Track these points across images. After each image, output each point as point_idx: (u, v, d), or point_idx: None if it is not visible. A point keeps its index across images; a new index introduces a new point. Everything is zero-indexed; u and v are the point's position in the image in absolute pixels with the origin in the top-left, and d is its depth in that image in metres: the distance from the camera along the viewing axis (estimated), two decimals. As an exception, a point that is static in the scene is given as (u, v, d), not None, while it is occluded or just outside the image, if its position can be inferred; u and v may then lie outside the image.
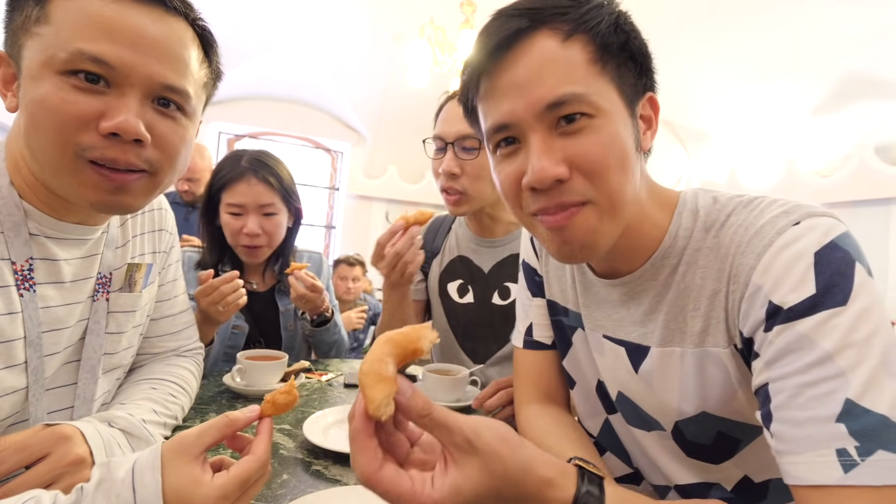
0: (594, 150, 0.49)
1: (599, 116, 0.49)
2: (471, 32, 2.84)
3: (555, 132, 0.50)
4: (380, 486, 0.37)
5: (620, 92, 0.51)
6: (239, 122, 4.96)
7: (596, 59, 0.50)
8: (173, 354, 0.85)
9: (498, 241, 1.17)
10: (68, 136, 0.51)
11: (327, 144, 5.42)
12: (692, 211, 0.56)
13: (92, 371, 0.66)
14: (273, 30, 3.93)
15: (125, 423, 0.61)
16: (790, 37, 3.33)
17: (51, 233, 0.60)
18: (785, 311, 0.44)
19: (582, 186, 0.50)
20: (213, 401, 0.94)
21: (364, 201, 5.37)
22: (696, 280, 0.54)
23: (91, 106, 0.51)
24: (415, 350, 0.41)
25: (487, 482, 0.38)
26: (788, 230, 0.47)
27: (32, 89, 0.50)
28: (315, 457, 0.71)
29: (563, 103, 0.48)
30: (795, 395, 0.43)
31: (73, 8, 0.50)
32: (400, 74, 3.70)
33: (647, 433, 0.63)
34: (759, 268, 0.47)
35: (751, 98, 4.02)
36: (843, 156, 3.89)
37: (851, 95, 3.57)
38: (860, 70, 3.40)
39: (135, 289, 0.72)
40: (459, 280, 1.20)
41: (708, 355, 0.54)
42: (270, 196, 1.21)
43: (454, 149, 1.06)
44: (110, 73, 0.51)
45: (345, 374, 1.18)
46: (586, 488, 0.41)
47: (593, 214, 0.51)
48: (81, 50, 0.49)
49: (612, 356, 0.64)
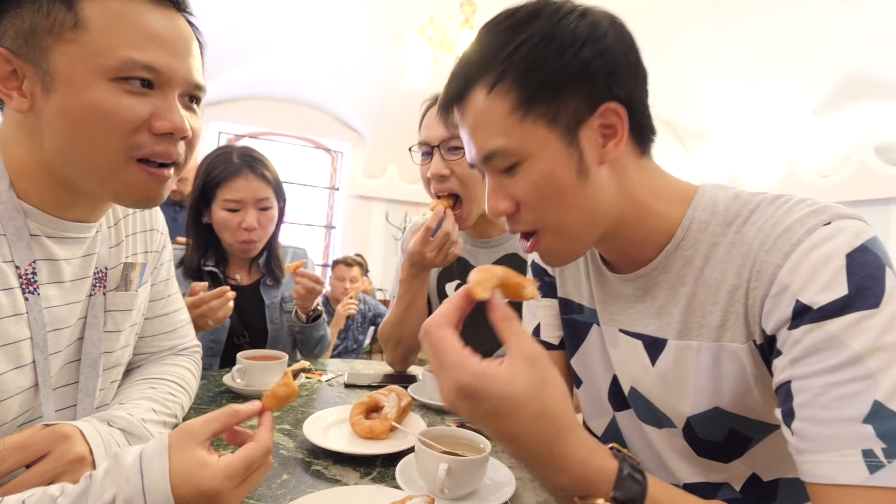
0: (527, 190, 0.55)
1: (526, 161, 0.54)
2: (471, 32, 2.84)
3: (502, 174, 0.56)
4: (432, 336, 0.43)
5: (553, 127, 0.53)
6: (239, 122, 4.95)
7: (517, 105, 0.52)
8: (170, 353, 0.85)
9: (493, 241, 1.18)
10: (123, 138, 0.55)
11: (327, 144, 5.42)
12: (710, 204, 0.56)
13: (93, 365, 0.66)
14: (273, 30, 3.93)
15: (124, 422, 0.61)
16: (790, 37, 3.33)
17: (51, 232, 0.61)
18: (815, 310, 0.44)
19: (528, 216, 0.57)
20: (214, 401, 0.94)
21: (364, 201, 5.37)
22: (715, 274, 0.54)
23: (144, 108, 0.55)
24: (517, 285, 0.47)
25: (535, 395, 0.41)
26: (819, 230, 0.46)
27: (77, 95, 0.52)
28: (315, 457, 0.71)
29: (492, 156, 0.55)
30: (821, 393, 0.42)
31: (110, 14, 0.53)
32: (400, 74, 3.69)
33: (659, 430, 0.63)
34: (787, 266, 0.46)
35: (751, 98, 4.02)
36: (843, 156, 3.89)
37: (851, 95, 3.57)
38: (860, 70, 3.40)
39: (130, 287, 0.73)
40: (457, 281, 1.20)
41: (724, 350, 0.54)
42: (266, 190, 1.25)
43: (440, 151, 1.05)
44: (157, 77, 0.56)
45: (345, 374, 1.18)
46: (628, 470, 0.42)
47: (548, 239, 0.58)
48: (133, 59, 0.53)
49: (629, 350, 0.64)
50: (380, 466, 0.71)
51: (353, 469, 0.69)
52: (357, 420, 0.80)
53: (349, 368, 1.27)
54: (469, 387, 0.40)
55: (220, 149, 1.29)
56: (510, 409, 0.41)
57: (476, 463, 0.61)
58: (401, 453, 0.72)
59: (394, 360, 1.23)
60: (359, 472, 0.68)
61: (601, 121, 0.54)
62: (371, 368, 1.31)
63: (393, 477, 0.65)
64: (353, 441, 0.76)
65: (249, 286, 1.35)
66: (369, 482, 0.66)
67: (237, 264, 1.35)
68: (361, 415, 0.81)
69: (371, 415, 0.83)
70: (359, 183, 5.31)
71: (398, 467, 0.67)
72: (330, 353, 2.53)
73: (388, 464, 0.71)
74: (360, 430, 0.77)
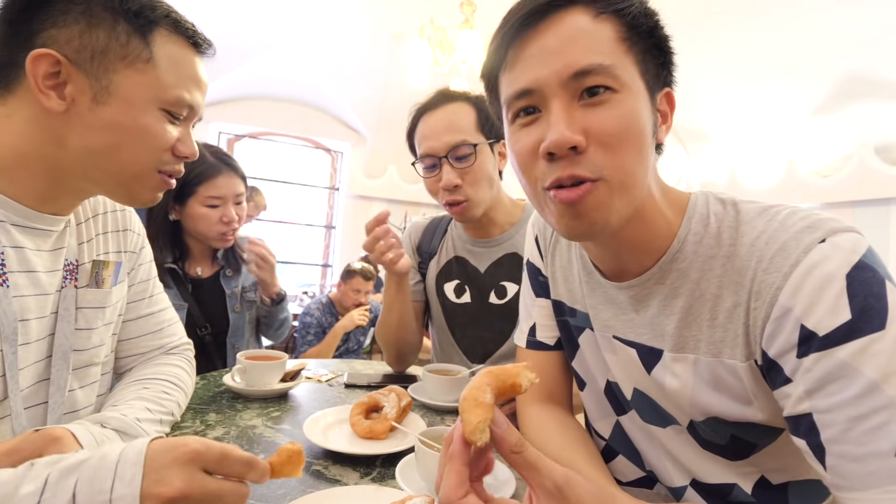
0: (613, 124, 0.50)
1: (622, 91, 0.50)
2: (471, 32, 2.84)
3: (576, 103, 0.50)
4: None
5: (643, 77, 0.52)
6: (239, 122, 4.95)
7: (624, 37, 0.51)
8: (160, 353, 0.86)
9: (493, 241, 1.17)
10: (157, 155, 0.65)
11: (327, 144, 5.42)
12: (702, 216, 0.56)
13: (64, 357, 0.67)
14: (273, 30, 3.93)
15: (118, 422, 0.61)
16: (790, 37, 3.33)
17: (18, 220, 0.62)
18: (820, 337, 0.43)
19: (597, 160, 0.50)
20: (213, 401, 0.94)
21: (364, 201, 5.37)
22: (711, 289, 0.54)
23: (174, 135, 0.66)
24: (513, 385, 0.42)
25: None
26: (815, 249, 0.46)
27: (132, 115, 0.61)
28: (315, 457, 0.71)
29: (589, 73, 0.49)
30: (848, 428, 0.42)
31: (171, 57, 0.64)
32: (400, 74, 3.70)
33: (663, 429, 0.63)
34: (787, 289, 0.46)
35: (751, 98, 4.02)
36: (842, 156, 3.88)
37: (851, 96, 3.56)
38: (860, 70, 3.39)
39: (103, 285, 0.74)
40: (456, 280, 1.20)
41: (723, 366, 0.53)
42: (241, 186, 1.37)
43: (449, 161, 1.05)
44: (189, 113, 0.67)
45: (345, 375, 1.18)
46: None
47: (605, 192, 0.51)
48: (184, 98, 0.65)
49: (624, 356, 0.64)
50: (380, 466, 0.71)
51: (353, 469, 0.69)
52: (357, 420, 0.80)
53: (349, 368, 1.28)
54: None
55: None
56: None
57: (476, 463, 0.61)
58: (401, 453, 0.72)
59: (391, 361, 1.23)
60: (359, 472, 0.68)
61: (661, 102, 0.55)
62: (371, 368, 1.31)
63: (393, 477, 0.65)
64: (352, 441, 0.76)
65: (209, 278, 1.40)
66: (369, 482, 0.66)
67: (197, 259, 1.40)
68: (361, 415, 0.81)
69: (371, 415, 0.83)
70: (359, 183, 5.31)
71: (398, 467, 0.67)
72: (331, 354, 2.53)
73: (388, 464, 0.71)
74: (360, 430, 0.77)
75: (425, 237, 1.28)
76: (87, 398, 0.72)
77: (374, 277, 2.87)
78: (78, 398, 0.70)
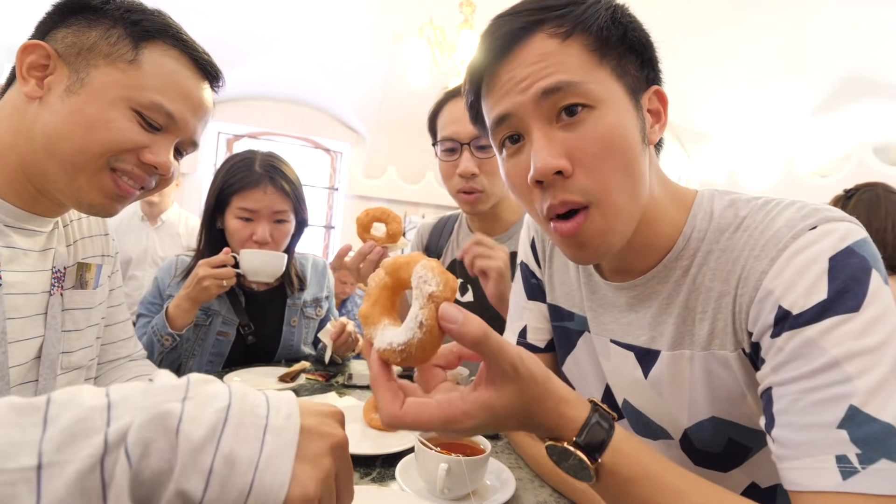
0: (594, 145, 0.48)
1: (599, 107, 0.49)
2: (470, 32, 2.84)
3: (556, 125, 0.50)
4: (407, 420, 0.37)
5: (622, 83, 0.51)
6: (238, 122, 4.94)
7: (593, 49, 0.50)
8: (126, 361, 0.86)
9: (495, 239, 1.17)
10: (109, 151, 0.61)
11: (326, 144, 5.41)
12: (707, 213, 0.55)
13: (51, 367, 0.67)
14: (273, 30, 3.93)
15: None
16: (789, 37, 3.33)
17: (9, 221, 0.63)
18: (794, 316, 0.43)
19: (584, 183, 0.49)
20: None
21: (363, 201, 5.36)
22: (705, 282, 0.53)
23: (142, 140, 0.62)
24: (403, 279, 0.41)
25: (519, 403, 0.39)
26: (804, 235, 0.45)
27: (97, 106, 0.59)
28: (315, 457, 0.71)
29: (558, 90, 0.48)
30: (798, 399, 0.42)
31: (162, 67, 0.63)
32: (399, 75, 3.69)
33: (654, 442, 0.62)
34: (772, 272, 0.46)
35: (750, 98, 4.02)
36: (842, 156, 3.89)
37: (850, 95, 3.57)
38: (859, 70, 3.40)
39: (87, 287, 0.74)
40: (459, 280, 1.20)
41: (715, 358, 0.53)
42: (284, 203, 1.20)
43: (470, 149, 1.05)
44: (171, 123, 0.65)
45: (345, 375, 1.18)
46: (597, 419, 0.42)
47: (599, 218, 0.50)
48: (160, 104, 0.62)
49: (620, 361, 0.63)
50: (380, 466, 0.71)
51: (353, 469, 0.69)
52: (372, 417, 0.83)
53: (349, 369, 1.28)
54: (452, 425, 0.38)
55: (243, 154, 1.24)
56: (498, 426, 0.40)
57: (476, 463, 0.61)
58: (401, 453, 0.72)
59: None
60: (359, 472, 0.68)
61: (650, 102, 0.54)
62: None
63: (393, 477, 0.65)
64: (353, 441, 0.76)
65: (265, 293, 1.33)
66: (369, 482, 0.66)
67: None
68: (374, 412, 0.84)
69: None
70: (358, 183, 5.31)
71: (398, 467, 0.67)
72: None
73: (388, 464, 0.71)
74: (378, 424, 0.81)
75: (433, 237, 1.29)
76: None
77: None
78: None
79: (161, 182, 0.68)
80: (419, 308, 0.37)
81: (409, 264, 0.40)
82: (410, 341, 0.37)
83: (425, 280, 0.37)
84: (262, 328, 1.30)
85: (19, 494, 0.25)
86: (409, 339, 0.37)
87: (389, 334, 0.39)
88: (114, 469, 0.27)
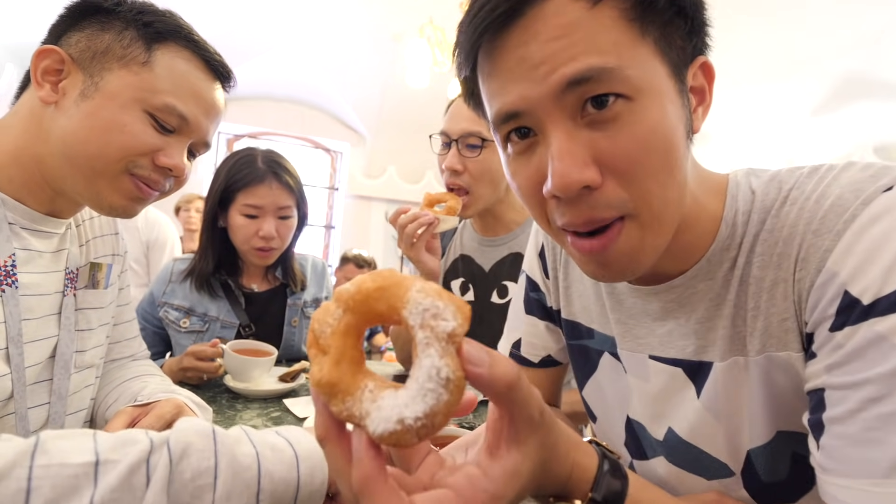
0: (632, 147, 0.38)
1: (639, 98, 0.37)
2: (470, 32, 2.84)
3: (580, 120, 0.38)
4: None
5: (666, 60, 0.39)
6: (238, 122, 4.95)
7: (632, 18, 0.37)
8: (129, 360, 0.86)
9: (498, 240, 1.18)
10: (127, 155, 0.61)
11: (327, 144, 5.42)
12: (747, 192, 0.46)
13: (66, 367, 0.67)
14: (273, 30, 3.93)
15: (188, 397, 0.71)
16: (789, 37, 3.34)
17: (25, 223, 0.63)
18: (864, 306, 0.35)
19: (617, 196, 0.39)
20: (213, 401, 0.94)
21: (363, 201, 5.36)
22: (753, 271, 0.44)
23: (157, 143, 0.63)
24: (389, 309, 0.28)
25: (539, 458, 0.31)
26: (878, 198, 0.36)
27: (112, 109, 0.60)
28: (315, 456, 0.71)
29: (588, 80, 0.36)
30: (859, 410, 0.34)
31: (174, 69, 0.63)
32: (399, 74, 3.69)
33: (707, 482, 0.50)
34: (838, 250, 0.37)
35: (751, 98, 4.02)
36: (841, 156, 3.90)
37: (850, 96, 3.57)
38: (859, 70, 3.40)
39: (98, 287, 0.75)
40: (461, 278, 1.21)
41: (773, 362, 0.43)
42: (288, 199, 1.21)
43: (458, 146, 1.07)
44: (184, 125, 0.65)
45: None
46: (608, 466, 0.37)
47: (634, 231, 0.40)
48: (173, 106, 0.63)
49: (664, 380, 0.51)
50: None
51: (353, 469, 0.69)
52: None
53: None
54: None
55: (244, 151, 1.24)
56: (522, 496, 0.32)
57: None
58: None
59: (403, 360, 1.26)
60: None
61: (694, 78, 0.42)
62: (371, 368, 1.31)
63: (393, 476, 0.65)
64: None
65: (266, 292, 1.32)
66: None
67: (251, 273, 1.32)
68: None
69: None
70: (358, 183, 5.31)
71: (398, 467, 0.66)
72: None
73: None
74: None
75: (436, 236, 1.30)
76: (83, 401, 0.72)
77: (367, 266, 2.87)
78: (75, 402, 0.70)
79: (175, 183, 0.68)
80: (438, 357, 0.26)
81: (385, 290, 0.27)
82: (435, 408, 0.25)
83: (435, 314, 0.26)
84: (263, 328, 1.30)
85: (81, 486, 0.34)
86: (432, 405, 0.25)
87: (390, 405, 0.26)
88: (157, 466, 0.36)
